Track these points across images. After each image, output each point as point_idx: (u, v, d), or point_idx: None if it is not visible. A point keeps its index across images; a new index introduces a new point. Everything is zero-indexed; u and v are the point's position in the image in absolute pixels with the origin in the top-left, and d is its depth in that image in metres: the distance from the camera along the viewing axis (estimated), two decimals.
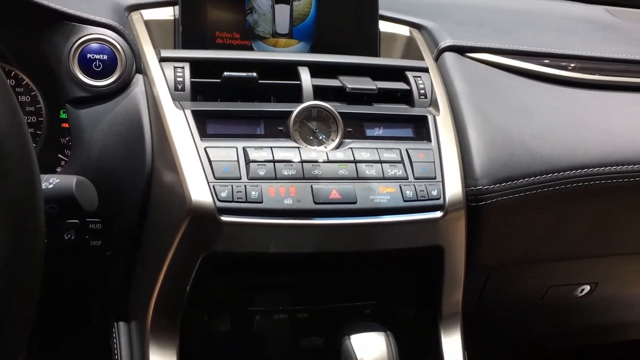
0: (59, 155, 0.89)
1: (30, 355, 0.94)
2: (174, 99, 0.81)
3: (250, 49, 0.93)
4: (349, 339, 0.75)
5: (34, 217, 0.52)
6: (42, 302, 0.60)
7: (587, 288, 1.06)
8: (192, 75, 0.83)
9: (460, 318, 0.90)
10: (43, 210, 0.54)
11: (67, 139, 0.88)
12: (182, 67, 0.83)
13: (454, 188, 0.82)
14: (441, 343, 0.87)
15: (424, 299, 0.89)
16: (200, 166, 0.76)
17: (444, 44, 0.96)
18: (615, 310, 1.15)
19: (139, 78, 0.85)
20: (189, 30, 0.89)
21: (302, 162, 0.78)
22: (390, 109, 0.88)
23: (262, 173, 0.77)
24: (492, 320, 1.05)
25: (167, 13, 0.92)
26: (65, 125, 0.88)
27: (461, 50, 0.96)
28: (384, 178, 0.80)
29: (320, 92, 0.85)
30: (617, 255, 1.01)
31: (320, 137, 0.81)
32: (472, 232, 0.86)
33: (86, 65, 0.83)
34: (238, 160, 0.77)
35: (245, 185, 0.75)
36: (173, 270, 0.78)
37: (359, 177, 0.79)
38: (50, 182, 0.64)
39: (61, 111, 0.88)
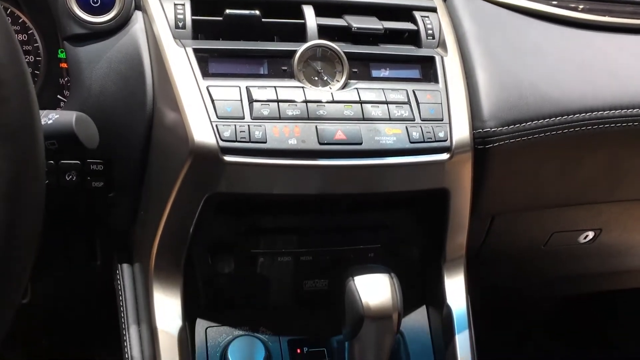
0: (58, 96, 0.87)
1: (34, 298, 0.96)
2: (174, 37, 0.79)
3: None
4: (353, 280, 0.75)
5: (34, 149, 0.51)
6: (44, 241, 0.60)
7: (591, 234, 1.05)
8: (193, 13, 0.81)
9: (464, 261, 0.90)
10: (43, 142, 0.53)
11: (66, 79, 0.86)
12: (183, 4, 0.81)
13: (461, 130, 0.81)
14: (444, 286, 0.87)
15: (428, 242, 0.88)
16: (203, 105, 0.74)
17: None
18: (618, 257, 1.15)
19: (138, 15, 0.83)
20: None
21: (307, 102, 0.77)
22: (397, 50, 0.86)
23: (265, 113, 0.75)
24: (495, 265, 1.05)
25: None
26: (64, 65, 0.86)
27: None
28: (390, 119, 0.78)
29: (325, 32, 0.83)
30: (623, 201, 1.00)
31: (325, 78, 0.80)
32: (477, 176, 0.85)
33: (84, 1, 0.80)
34: (241, 100, 0.75)
35: (248, 125, 0.74)
36: (176, 212, 0.78)
37: (364, 118, 0.78)
38: (49, 117, 0.62)
39: (59, 51, 0.86)
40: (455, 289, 0.88)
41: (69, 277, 0.97)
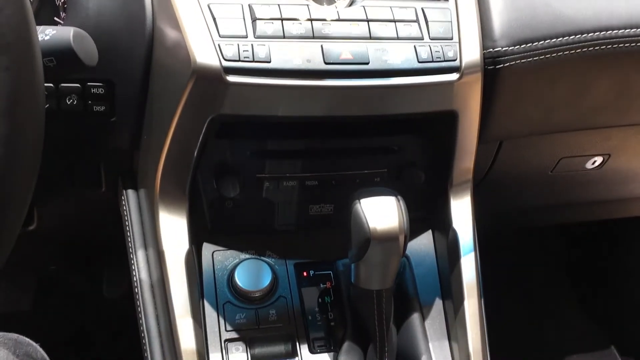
0: (55, 18, 0.84)
1: (40, 224, 0.96)
2: None
3: None
4: (359, 202, 0.74)
5: (32, 63, 0.49)
6: (47, 165, 0.59)
7: (599, 160, 1.04)
8: None
9: (471, 186, 0.89)
10: (41, 58, 0.51)
11: (62, 0, 0.83)
12: None
13: (471, 49, 0.78)
14: (450, 210, 0.87)
15: (435, 167, 0.87)
16: (205, 24, 0.72)
17: None
18: (625, 183, 1.15)
19: None
20: None
21: (312, 20, 0.74)
22: None
23: (269, 31, 0.73)
24: (502, 190, 1.05)
25: None
26: None
27: None
28: (397, 38, 0.76)
29: None
30: (633, 125, 0.98)
31: None
32: (487, 98, 0.83)
33: None
34: (244, 18, 0.73)
35: (252, 44, 0.72)
36: (179, 135, 0.76)
37: (371, 37, 0.75)
38: (46, 33, 0.60)
39: None
40: (462, 214, 0.88)
41: (74, 203, 0.97)
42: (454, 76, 0.77)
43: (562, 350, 1.55)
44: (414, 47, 0.76)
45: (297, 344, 0.80)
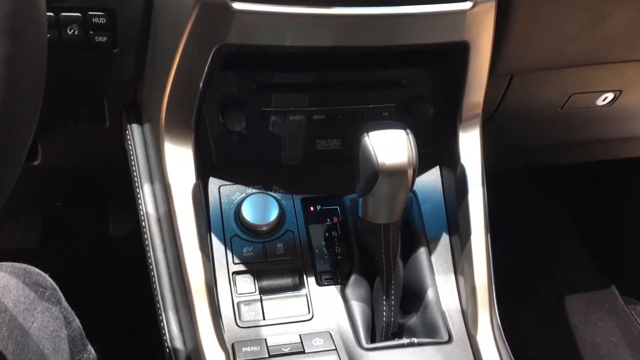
0: None
1: (45, 160, 0.96)
2: None
3: None
4: (368, 135, 0.73)
5: None
6: (49, 99, 0.58)
7: (610, 96, 1.02)
8: None
9: (480, 122, 0.88)
10: None
11: None
12: None
13: None
14: (459, 145, 0.86)
15: (444, 101, 0.86)
16: None
17: None
18: (635, 121, 1.13)
19: None
20: None
21: None
22: None
23: None
24: (510, 127, 1.03)
25: None
26: None
27: None
28: None
29: None
30: None
31: None
32: (499, 29, 0.80)
33: None
34: None
35: None
36: (184, 66, 0.75)
37: None
38: None
39: None
40: (470, 149, 0.87)
41: (79, 138, 0.96)
42: (467, 5, 0.74)
43: (564, 289, 1.57)
44: None
45: (305, 276, 0.80)
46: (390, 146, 0.73)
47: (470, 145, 0.87)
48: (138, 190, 0.85)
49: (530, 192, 1.64)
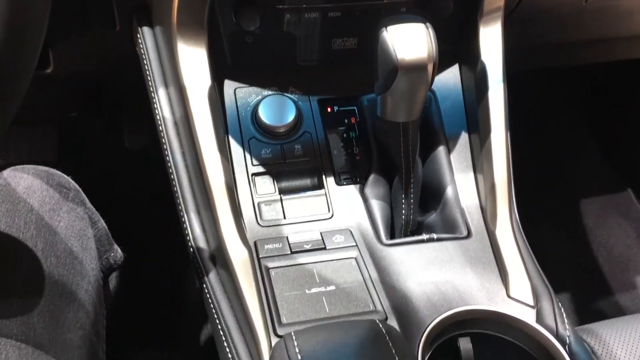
0: None
1: (57, 68, 0.94)
2: None
3: None
4: (386, 30, 0.71)
5: None
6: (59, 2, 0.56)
7: None
8: None
9: (502, 17, 0.85)
10: None
11: None
12: None
13: None
14: (479, 41, 0.84)
15: None
16: None
17: None
18: None
19: None
20: None
21: None
22: None
23: None
24: (534, 21, 0.99)
25: None
26: None
27: None
28: None
29: None
30: None
31: None
32: None
33: None
34: None
35: None
36: None
37: None
38: None
39: None
40: (491, 45, 0.84)
41: (90, 44, 0.94)
42: None
43: (579, 191, 1.57)
44: None
45: (323, 176, 0.80)
46: (409, 40, 0.70)
47: (491, 41, 0.84)
48: (153, 95, 0.84)
49: (549, 94, 1.61)
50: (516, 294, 0.70)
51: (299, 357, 0.55)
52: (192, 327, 1.23)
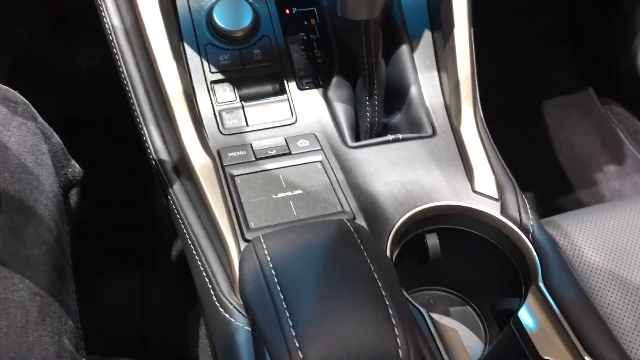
0: None
1: None
2: None
3: None
4: None
5: None
6: None
7: None
8: None
9: None
10: None
11: None
12: None
13: None
14: None
15: None
16: None
17: None
18: None
19: None
20: None
21: None
22: None
23: None
24: None
25: None
26: None
27: None
28: None
29: None
30: None
31: None
32: None
33: None
34: None
35: None
36: None
37: None
38: None
39: None
40: None
41: None
42: None
43: (542, 93, 1.58)
44: None
45: (285, 81, 0.78)
46: None
47: None
48: (99, 2, 0.79)
49: (519, 10, 1.57)
50: (481, 188, 0.71)
51: (268, 259, 0.56)
52: (163, 245, 1.23)
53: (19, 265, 0.55)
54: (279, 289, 0.52)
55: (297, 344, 0.49)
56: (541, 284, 0.62)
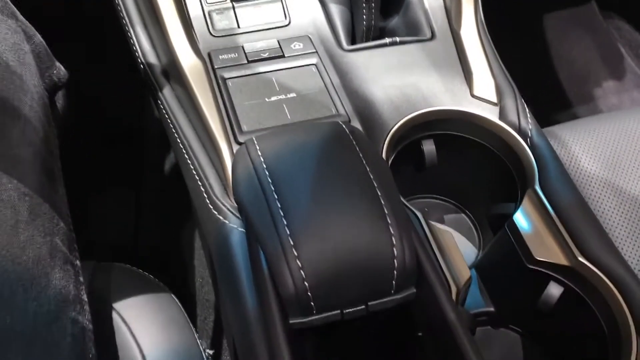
0: None
1: None
2: None
3: None
4: None
5: None
6: None
7: None
8: None
9: None
10: None
11: None
12: None
13: None
14: None
15: None
16: None
17: None
18: None
19: None
20: None
21: None
22: None
23: None
24: None
25: None
26: None
27: None
28: None
29: None
30: None
31: None
32: None
33: None
34: None
35: None
36: None
37: None
38: None
39: None
40: None
41: None
42: None
43: (543, 6, 1.53)
44: None
45: None
46: None
47: None
48: None
49: None
50: (480, 92, 0.69)
51: (261, 159, 0.54)
52: (156, 159, 1.21)
53: (6, 165, 0.53)
54: (272, 188, 0.51)
55: (291, 242, 0.48)
56: (537, 187, 0.62)
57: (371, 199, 0.51)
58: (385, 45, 0.73)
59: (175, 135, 0.67)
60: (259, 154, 0.55)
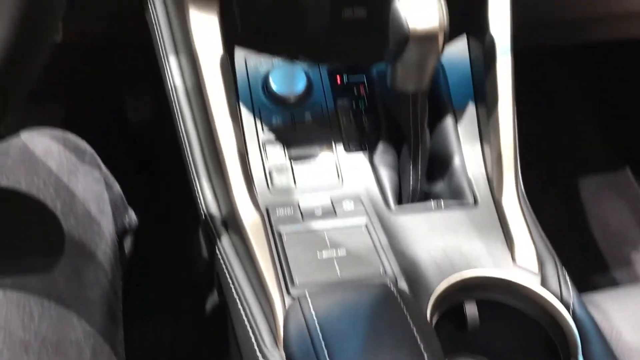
0: None
1: (66, 37, 0.94)
2: None
3: None
4: (397, 2, 0.71)
5: None
6: None
7: None
8: None
9: None
10: None
11: None
12: None
13: None
14: (488, 12, 0.84)
15: None
16: None
17: None
18: None
19: None
20: None
21: None
22: None
23: None
24: None
25: None
26: None
27: None
28: None
29: None
30: None
31: None
32: None
33: None
34: None
35: None
36: None
37: None
38: None
39: None
40: (499, 17, 0.85)
41: (98, 13, 0.94)
42: None
43: (578, 168, 1.59)
44: None
45: (333, 144, 0.82)
46: (421, 10, 0.71)
47: (499, 13, 0.85)
48: (164, 62, 0.84)
49: (552, 73, 1.61)
50: (521, 259, 0.72)
51: (314, 318, 0.57)
52: (198, 296, 1.24)
53: (78, 306, 0.57)
54: (323, 345, 0.54)
55: None
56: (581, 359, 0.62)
57: None
58: (430, 208, 0.78)
59: (230, 283, 0.71)
60: (312, 312, 0.58)
